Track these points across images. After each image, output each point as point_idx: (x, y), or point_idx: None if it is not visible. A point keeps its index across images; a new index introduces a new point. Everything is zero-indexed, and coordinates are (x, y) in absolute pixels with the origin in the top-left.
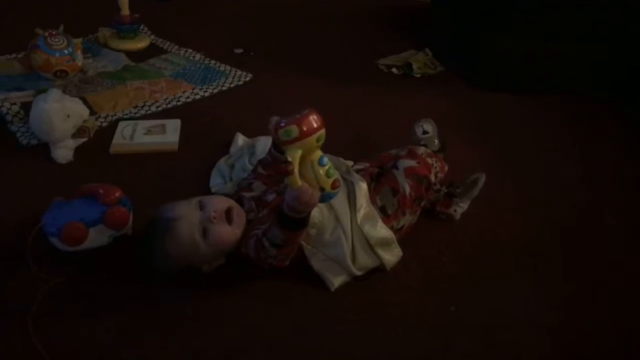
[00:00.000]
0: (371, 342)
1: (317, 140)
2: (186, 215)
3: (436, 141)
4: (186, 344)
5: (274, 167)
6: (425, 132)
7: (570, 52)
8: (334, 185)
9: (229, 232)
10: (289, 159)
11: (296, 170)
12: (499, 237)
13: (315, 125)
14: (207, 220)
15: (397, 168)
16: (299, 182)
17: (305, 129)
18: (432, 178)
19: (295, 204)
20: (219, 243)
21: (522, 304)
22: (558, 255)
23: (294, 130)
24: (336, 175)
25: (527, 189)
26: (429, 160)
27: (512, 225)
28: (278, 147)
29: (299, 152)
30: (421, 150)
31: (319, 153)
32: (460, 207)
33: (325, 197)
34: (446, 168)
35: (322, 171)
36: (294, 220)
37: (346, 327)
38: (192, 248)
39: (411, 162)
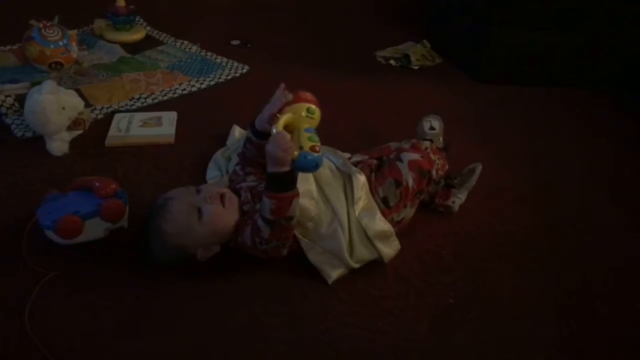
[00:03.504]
0: (369, 335)
1: (307, 110)
2: (182, 195)
3: (441, 139)
4: (183, 339)
5: (259, 151)
6: (432, 128)
7: (570, 44)
8: (312, 148)
9: (222, 212)
10: (278, 115)
11: (280, 123)
12: (497, 229)
13: (308, 97)
14: (202, 201)
15: (401, 160)
16: (280, 129)
17: (298, 96)
18: (434, 173)
19: (274, 149)
20: (213, 222)
21: (521, 296)
22: (557, 247)
23: (290, 95)
24: (318, 144)
25: (526, 181)
26: (432, 156)
27: (510, 218)
28: (259, 133)
29: (289, 114)
30: (425, 144)
31: (308, 125)
32: (459, 199)
33: (303, 158)
34: (447, 167)
35: (305, 135)
36: (278, 177)
37: (344, 321)
38: (187, 227)
39: (415, 156)
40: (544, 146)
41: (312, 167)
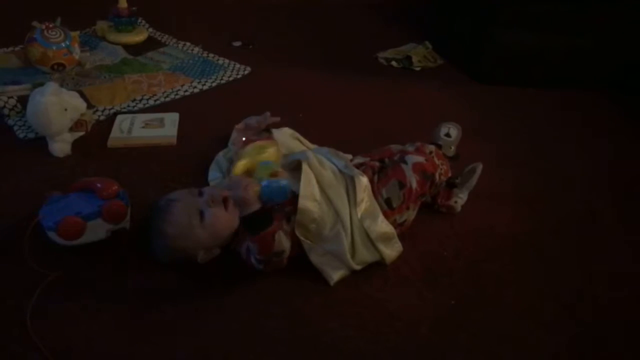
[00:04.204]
0: (371, 337)
1: (260, 148)
2: (185, 198)
3: (453, 147)
4: (185, 340)
5: None
6: (448, 135)
7: (571, 45)
8: (273, 174)
9: (224, 215)
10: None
11: (237, 169)
12: (499, 230)
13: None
14: (204, 204)
15: (405, 162)
16: (236, 174)
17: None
18: (437, 177)
19: (235, 192)
20: (215, 225)
21: (522, 296)
22: (557, 247)
23: (277, 119)
24: (276, 169)
25: (527, 183)
26: (437, 161)
27: (512, 219)
28: None
29: (245, 160)
30: (430, 148)
31: (263, 159)
32: (461, 199)
33: (265, 187)
34: (450, 174)
35: (261, 168)
36: (252, 218)
37: (345, 322)
38: (188, 230)
39: (420, 158)
40: (544, 146)
41: (278, 191)
